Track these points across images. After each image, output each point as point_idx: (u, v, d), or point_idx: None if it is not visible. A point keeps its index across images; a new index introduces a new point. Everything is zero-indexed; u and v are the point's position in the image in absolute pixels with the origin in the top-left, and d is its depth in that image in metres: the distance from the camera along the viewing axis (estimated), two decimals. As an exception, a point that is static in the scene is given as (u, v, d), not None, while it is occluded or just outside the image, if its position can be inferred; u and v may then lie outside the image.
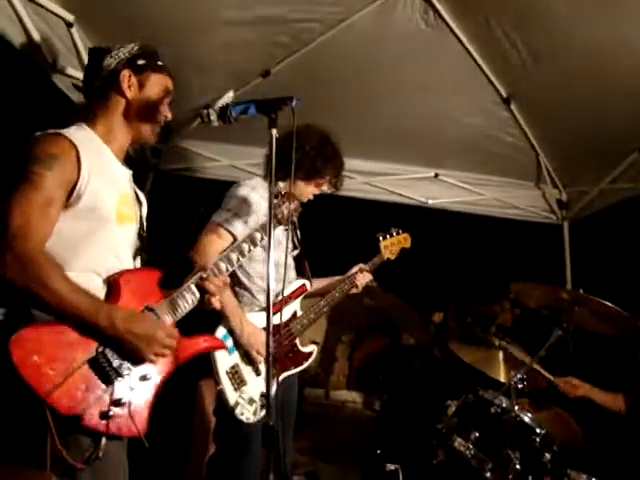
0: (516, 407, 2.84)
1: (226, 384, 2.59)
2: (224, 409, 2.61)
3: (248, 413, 2.60)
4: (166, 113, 2.09)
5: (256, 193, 2.75)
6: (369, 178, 4.74)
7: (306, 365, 2.94)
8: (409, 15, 3.41)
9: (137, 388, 1.82)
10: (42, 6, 2.72)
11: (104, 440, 1.76)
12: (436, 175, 4.76)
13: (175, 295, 1.99)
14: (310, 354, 2.95)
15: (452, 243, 5.14)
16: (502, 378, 3.40)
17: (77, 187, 1.82)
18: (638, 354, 3.29)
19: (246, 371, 2.65)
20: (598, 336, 3.02)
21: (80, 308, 1.70)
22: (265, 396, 2.65)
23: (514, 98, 3.93)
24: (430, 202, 4.82)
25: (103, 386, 1.73)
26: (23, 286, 1.66)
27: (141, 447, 1.80)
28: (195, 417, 2.90)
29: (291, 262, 2.96)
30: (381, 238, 3.27)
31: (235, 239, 2.66)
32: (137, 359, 1.82)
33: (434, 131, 4.23)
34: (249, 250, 2.34)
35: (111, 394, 1.75)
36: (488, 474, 2.81)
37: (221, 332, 2.62)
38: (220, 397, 2.61)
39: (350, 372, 5.56)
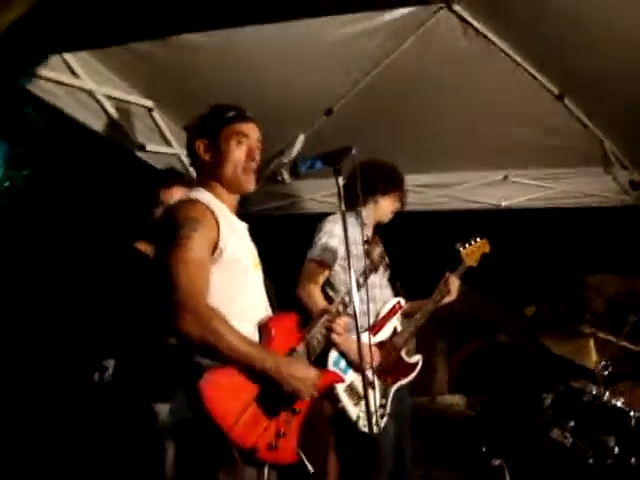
0: (607, 393, 2.94)
1: (345, 401, 2.87)
2: (346, 424, 2.88)
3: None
4: (252, 156, 2.19)
5: (340, 226, 3.05)
6: (444, 190, 4.93)
7: (414, 375, 3.18)
8: (450, 34, 3.58)
9: (291, 421, 2.07)
10: (123, 100, 3.11)
11: (266, 469, 2.01)
12: (505, 177, 4.86)
13: (310, 337, 2.26)
14: (416, 364, 3.20)
15: (532, 240, 5.19)
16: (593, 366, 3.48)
17: (219, 243, 2.01)
18: None
19: (361, 387, 2.86)
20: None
21: (250, 355, 1.93)
22: (382, 406, 2.96)
23: (567, 93, 4.01)
24: (504, 203, 4.92)
25: (267, 420, 1.98)
26: (200, 338, 1.87)
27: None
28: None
29: (386, 283, 3.25)
30: (461, 248, 3.45)
31: (330, 269, 3.02)
32: (293, 398, 2.05)
33: (498, 137, 4.35)
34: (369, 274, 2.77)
35: (275, 426, 2.01)
36: (590, 460, 2.93)
37: (333, 355, 2.91)
38: (341, 414, 2.89)
39: (450, 377, 5.70)
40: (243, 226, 2.27)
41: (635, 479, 2.85)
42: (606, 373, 2.96)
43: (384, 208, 3.30)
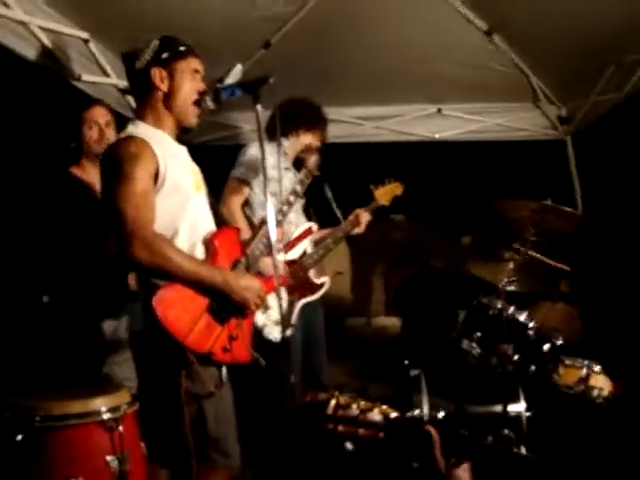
0: (512, 308, 3.27)
1: None
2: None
3: (275, 333, 3.13)
4: (200, 88, 2.34)
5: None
6: (378, 122, 5.11)
7: (320, 294, 3.45)
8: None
9: (241, 325, 2.30)
10: (58, 32, 3.18)
11: (224, 369, 2.27)
12: (439, 110, 5.06)
13: (253, 247, 2.51)
14: (322, 285, 3.47)
15: (466, 171, 5.45)
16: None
17: (160, 172, 2.16)
18: None
19: (270, 297, 3.14)
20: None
21: (199, 273, 2.12)
22: (288, 318, 3.22)
23: (494, 30, 4.18)
24: (437, 136, 5.13)
25: (220, 327, 2.20)
26: (151, 264, 2.05)
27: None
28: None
29: (300, 209, 3.50)
30: (374, 187, 3.70)
31: (251, 188, 3.28)
32: (242, 308, 2.25)
33: (429, 70, 4.50)
34: (294, 200, 3.05)
35: (227, 331, 2.22)
36: (495, 367, 3.27)
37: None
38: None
39: (387, 299, 6.06)
40: (183, 150, 2.42)
41: (535, 384, 3.21)
42: (510, 289, 3.26)
43: (303, 143, 3.50)
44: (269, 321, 3.13)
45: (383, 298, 6.08)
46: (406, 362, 3.37)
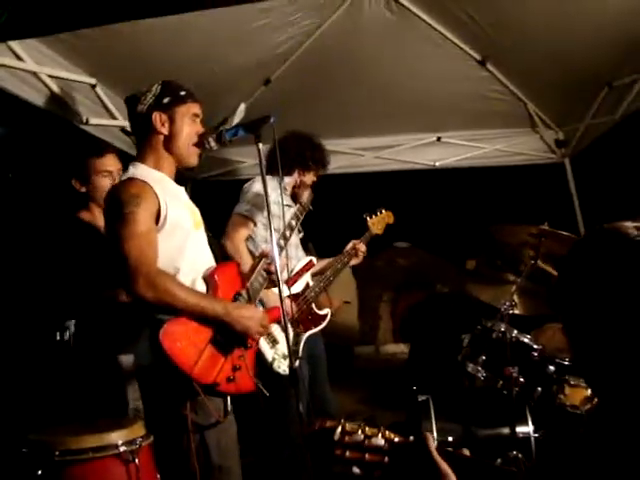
0: (515, 331, 3.33)
1: (262, 344, 3.17)
2: (263, 366, 3.15)
3: (284, 367, 3.21)
4: (199, 131, 2.43)
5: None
6: (378, 152, 5.22)
7: (324, 325, 3.56)
8: (376, 9, 3.84)
9: (244, 356, 2.36)
10: (66, 79, 3.33)
11: (229, 400, 2.34)
12: (438, 139, 5.15)
13: (252, 280, 2.57)
14: (326, 316, 3.57)
15: (466, 197, 5.54)
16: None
17: (161, 213, 2.25)
18: None
19: (277, 331, 3.24)
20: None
21: (202, 306, 2.21)
22: (295, 350, 3.31)
23: (488, 59, 4.30)
24: (437, 164, 5.23)
25: (223, 358, 2.27)
26: (155, 299, 2.14)
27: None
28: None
29: (299, 242, 3.62)
30: (368, 217, 3.81)
31: (254, 224, 3.38)
32: (244, 337, 2.33)
33: (427, 101, 4.62)
34: (290, 234, 3.15)
35: (230, 362, 2.28)
36: (502, 390, 3.32)
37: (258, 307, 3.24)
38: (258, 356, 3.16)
39: (395, 326, 6.11)
40: (182, 190, 2.52)
41: (541, 405, 3.25)
42: (510, 312, 3.32)
43: (303, 181, 3.61)
44: (277, 355, 3.22)
45: (390, 325, 6.15)
46: (414, 388, 3.41)
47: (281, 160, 3.00)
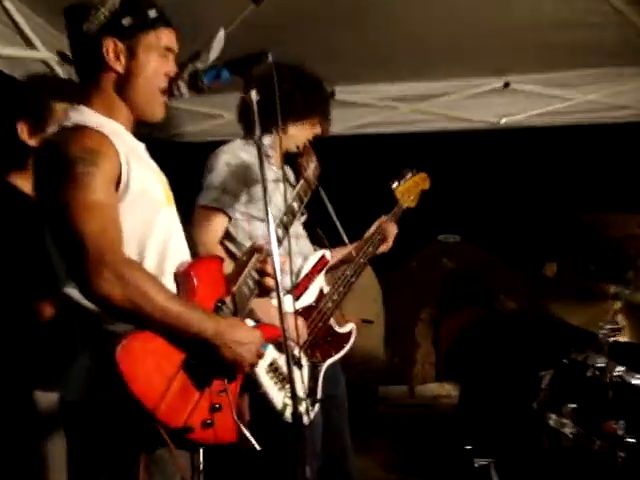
0: (619, 367, 3.26)
1: (268, 385, 3.11)
2: (269, 414, 3.13)
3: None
4: (170, 72, 2.36)
5: (236, 158, 3.30)
6: (416, 104, 5.17)
7: (348, 348, 3.48)
8: None
9: (226, 390, 2.29)
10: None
11: (201, 453, 2.28)
12: (506, 85, 5.08)
13: (240, 284, 2.51)
14: (350, 334, 3.50)
15: (542, 172, 5.48)
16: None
17: (122, 177, 2.17)
18: None
19: (286, 366, 3.17)
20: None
21: (185, 318, 2.14)
22: (312, 390, 3.28)
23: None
24: (503, 121, 5.17)
25: (198, 393, 2.20)
26: (123, 300, 2.05)
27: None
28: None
29: (303, 232, 3.55)
30: (394, 185, 3.73)
31: (230, 218, 3.28)
32: (232, 367, 2.28)
33: (489, 29, 4.54)
34: (291, 222, 3.09)
35: (208, 399, 2.22)
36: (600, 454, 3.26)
37: (249, 324, 3.17)
38: (263, 402, 3.12)
39: (438, 358, 6.05)
40: (142, 148, 2.45)
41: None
42: (612, 339, 3.26)
43: (296, 137, 3.47)
44: (288, 399, 3.14)
45: (432, 357, 6.08)
46: (468, 448, 3.37)
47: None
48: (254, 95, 2.43)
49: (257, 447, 2.36)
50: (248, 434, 2.37)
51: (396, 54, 4.76)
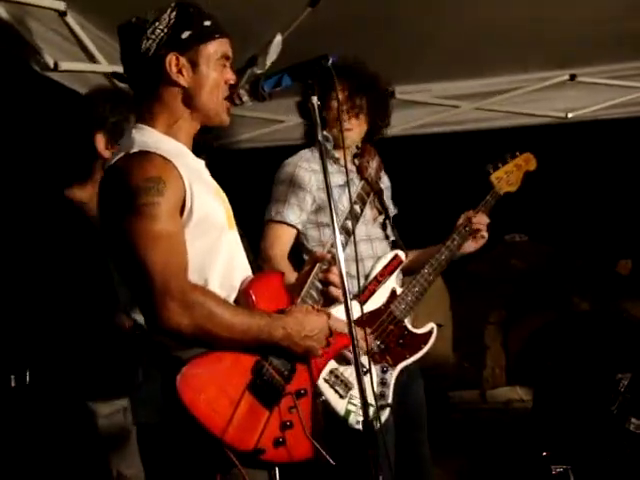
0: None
1: (329, 394, 3.12)
2: (335, 423, 3.12)
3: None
4: (230, 80, 2.40)
5: (302, 169, 3.34)
6: (479, 102, 5.12)
7: (426, 349, 3.42)
8: None
9: (296, 406, 2.31)
10: (22, 2, 3.29)
11: (277, 472, 2.29)
12: (572, 77, 5.01)
13: (303, 295, 2.54)
14: (429, 335, 3.44)
15: (613, 166, 5.39)
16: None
17: (186, 203, 2.21)
18: None
19: (348, 372, 3.16)
20: None
21: (252, 330, 2.20)
22: (382, 395, 3.26)
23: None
24: (570, 115, 5.09)
25: (267, 411, 2.23)
26: (193, 329, 2.11)
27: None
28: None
29: (379, 232, 3.52)
30: (491, 170, 3.64)
31: (297, 229, 3.34)
32: (306, 360, 2.37)
33: (553, 20, 4.48)
34: (354, 226, 3.11)
35: (277, 417, 2.25)
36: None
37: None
38: (326, 411, 3.13)
39: (509, 362, 5.98)
40: (202, 166, 2.47)
41: None
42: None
43: (356, 136, 3.48)
44: (354, 405, 3.14)
45: (502, 360, 6.02)
46: (544, 454, 3.36)
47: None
48: (315, 100, 2.43)
49: (332, 462, 2.37)
50: (322, 450, 2.37)
51: (457, 52, 4.72)
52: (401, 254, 3.47)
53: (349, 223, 3.16)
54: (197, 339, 2.14)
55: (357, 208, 3.26)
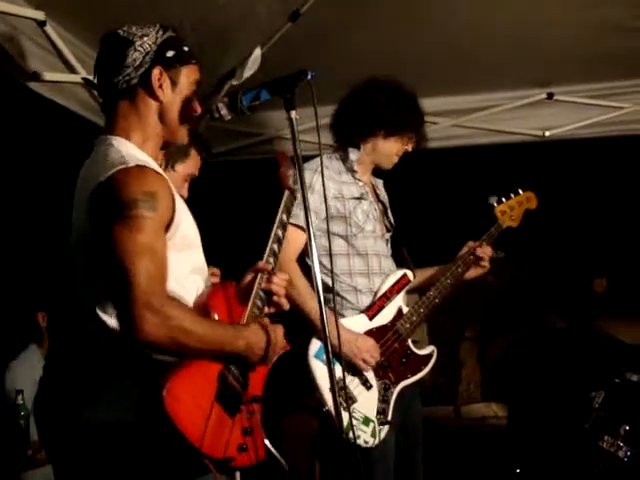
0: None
1: (332, 404, 3.11)
2: (335, 435, 3.13)
3: (366, 435, 3.17)
4: (196, 108, 2.49)
5: (321, 175, 3.31)
6: (457, 118, 5.16)
7: (426, 371, 3.49)
8: None
9: (254, 412, 2.39)
10: (4, 12, 3.30)
11: (238, 475, 2.41)
12: (549, 96, 5.06)
13: (251, 305, 2.56)
14: (429, 357, 3.52)
15: (590, 183, 5.44)
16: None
17: (175, 219, 2.29)
18: None
19: (353, 385, 3.22)
20: None
21: (219, 342, 2.29)
22: (382, 412, 3.29)
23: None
24: (548, 133, 5.11)
25: (230, 420, 2.30)
26: (168, 342, 2.15)
27: None
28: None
29: (385, 248, 3.60)
30: (495, 203, 3.73)
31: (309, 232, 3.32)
32: (257, 367, 2.44)
33: (532, 38, 4.50)
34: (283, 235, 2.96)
35: (240, 425, 2.33)
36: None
37: (316, 345, 3.23)
38: (328, 421, 3.14)
39: (484, 377, 6.02)
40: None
41: None
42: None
43: (386, 150, 3.57)
44: (356, 419, 3.17)
45: (477, 376, 6.05)
46: (517, 471, 3.36)
47: (346, 123, 3.27)
48: (294, 115, 2.50)
49: (285, 466, 2.45)
50: (276, 452, 2.46)
51: (435, 68, 4.76)
52: (409, 274, 3.56)
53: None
54: (169, 350, 2.19)
55: (284, 218, 3.22)
